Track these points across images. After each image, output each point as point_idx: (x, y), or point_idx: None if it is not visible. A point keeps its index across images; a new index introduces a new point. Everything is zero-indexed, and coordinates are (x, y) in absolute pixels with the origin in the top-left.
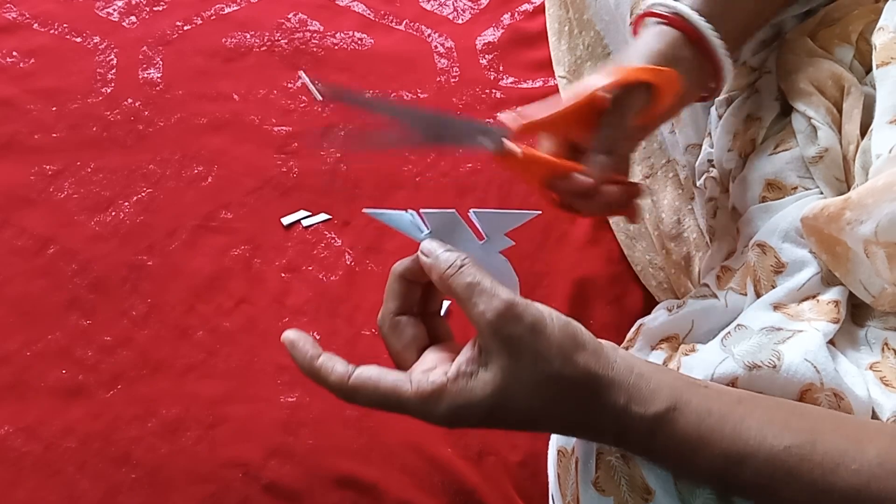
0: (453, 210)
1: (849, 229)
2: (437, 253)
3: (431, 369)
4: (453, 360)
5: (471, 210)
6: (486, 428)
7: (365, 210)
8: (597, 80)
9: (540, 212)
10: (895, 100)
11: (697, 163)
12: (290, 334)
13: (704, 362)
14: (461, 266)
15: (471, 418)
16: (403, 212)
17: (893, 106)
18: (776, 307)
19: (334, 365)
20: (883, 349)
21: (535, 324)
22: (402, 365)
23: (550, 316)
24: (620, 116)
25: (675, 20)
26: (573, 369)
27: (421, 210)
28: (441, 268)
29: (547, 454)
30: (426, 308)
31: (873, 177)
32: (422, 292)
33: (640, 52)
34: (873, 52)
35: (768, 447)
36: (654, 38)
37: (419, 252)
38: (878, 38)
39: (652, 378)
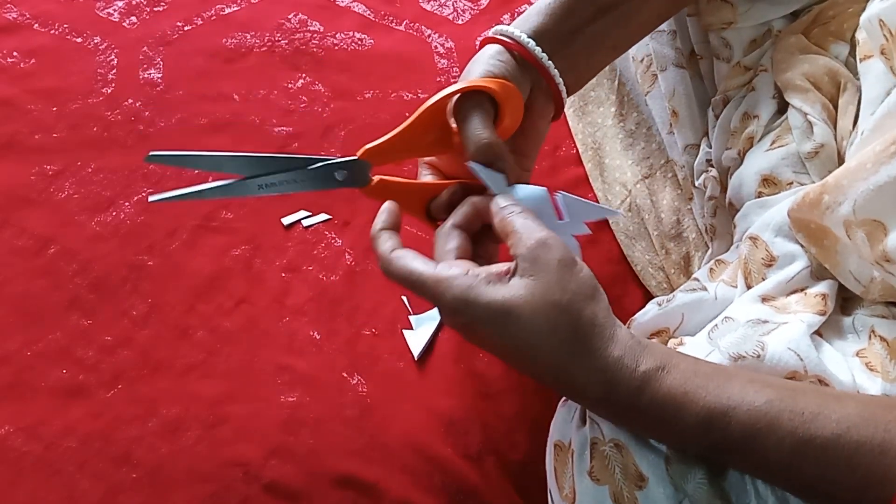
0: (545, 188)
1: (829, 213)
2: (504, 203)
3: (457, 266)
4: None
5: (558, 192)
6: (481, 337)
7: (470, 164)
8: (435, 96)
9: (622, 212)
10: (877, 92)
11: (696, 163)
12: (387, 204)
13: (692, 355)
14: (520, 211)
15: (472, 314)
16: (500, 174)
17: (876, 98)
18: (764, 299)
19: (388, 240)
20: (870, 336)
21: (565, 259)
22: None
23: (582, 265)
24: (475, 116)
25: (513, 46)
26: (580, 309)
27: (517, 186)
28: (504, 212)
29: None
30: (477, 251)
31: (849, 160)
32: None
33: (470, 71)
34: (857, 47)
35: (750, 400)
36: (483, 57)
37: (493, 201)
38: (860, 34)
39: (648, 344)
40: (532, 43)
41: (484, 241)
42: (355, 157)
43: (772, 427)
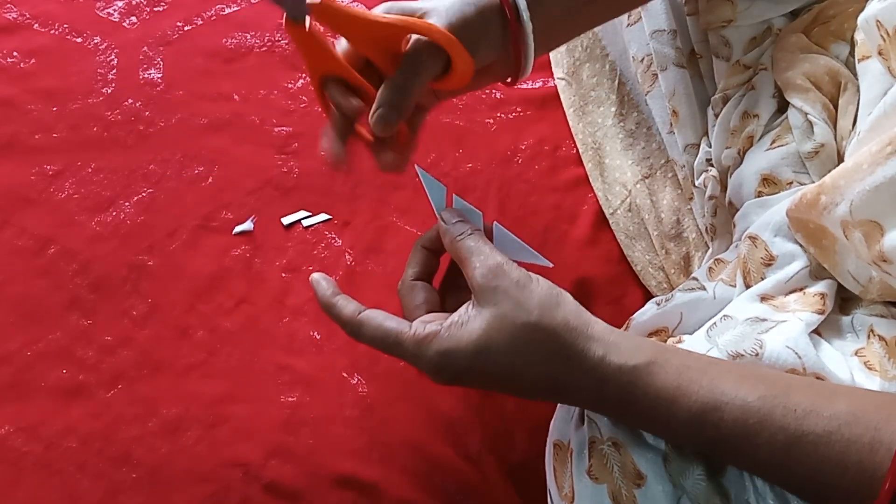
0: (481, 214)
1: (826, 213)
2: (452, 221)
3: (433, 322)
4: None
5: (496, 223)
6: (471, 381)
7: (417, 167)
8: (404, 19)
9: (552, 265)
10: (875, 92)
11: (696, 162)
12: (315, 275)
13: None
14: (470, 234)
15: (456, 364)
16: (443, 186)
17: (874, 98)
18: (763, 298)
19: (348, 303)
20: (868, 335)
21: (521, 279)
22: (411, 321)
23: (538, 279)
24: (418, 68)
25: (506, 4)
26: (551, 320)
27: (454, 196)
28: (453, 233)
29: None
30: (453, 283)
31: (846, 160)
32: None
33: (453, 11)
34: (855, 48)
35: (743, 396)
36: (472, 4)
37: (439, 217)
38: (858, 35)
39: (633, 339)
40: (527, 16)
41: (452, 291)
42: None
43: (764, 423)
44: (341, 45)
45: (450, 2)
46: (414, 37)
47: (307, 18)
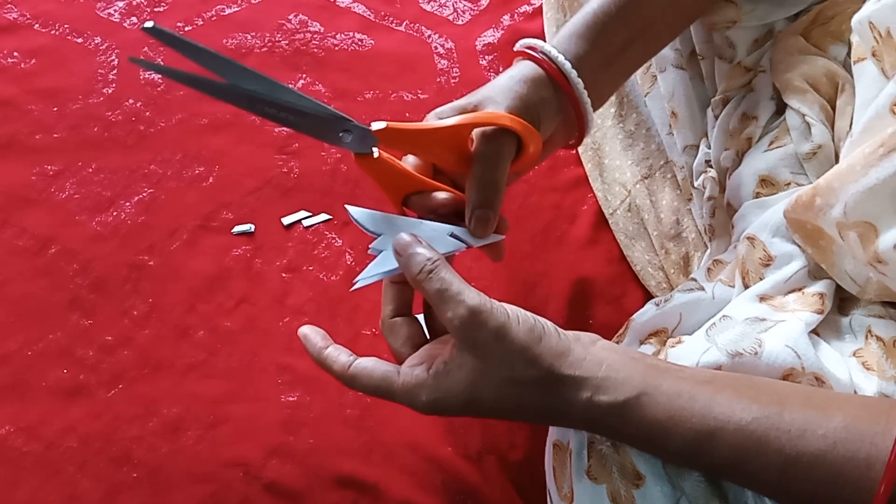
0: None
1: (822, 215)
2: (408, 252)
3: (419, 364)
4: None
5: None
6: (466, 416)
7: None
8: (467, 116)
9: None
10: (871, 94)
11: (695, 163)
12: (304, 329)
13: (689, 352)
14: (431, 270)
15: (449, 408)
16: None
17: (869, 100)
18: (762, 298)
19: (339, 355)
20: (867, 336)
21: (499, 329)
22: (400, 361)
23: (516, 319)
24: (497, 159)
25: (544, 63)
26: (536, 371)
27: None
28: (413, 270)
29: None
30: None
31: (840, 162)
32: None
33: (505, 94)
34: (851, 49)
35: (737, 420)
36: (521, 81)
37: (393, 249)
38: (853, 37)
39: (622, 369)
40: (575, 75)
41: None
42: (369, 128)
43: (759, 446)
44: (408, 160)
45: (498, 86)
46: (477, 131)
47: (375, 148)
